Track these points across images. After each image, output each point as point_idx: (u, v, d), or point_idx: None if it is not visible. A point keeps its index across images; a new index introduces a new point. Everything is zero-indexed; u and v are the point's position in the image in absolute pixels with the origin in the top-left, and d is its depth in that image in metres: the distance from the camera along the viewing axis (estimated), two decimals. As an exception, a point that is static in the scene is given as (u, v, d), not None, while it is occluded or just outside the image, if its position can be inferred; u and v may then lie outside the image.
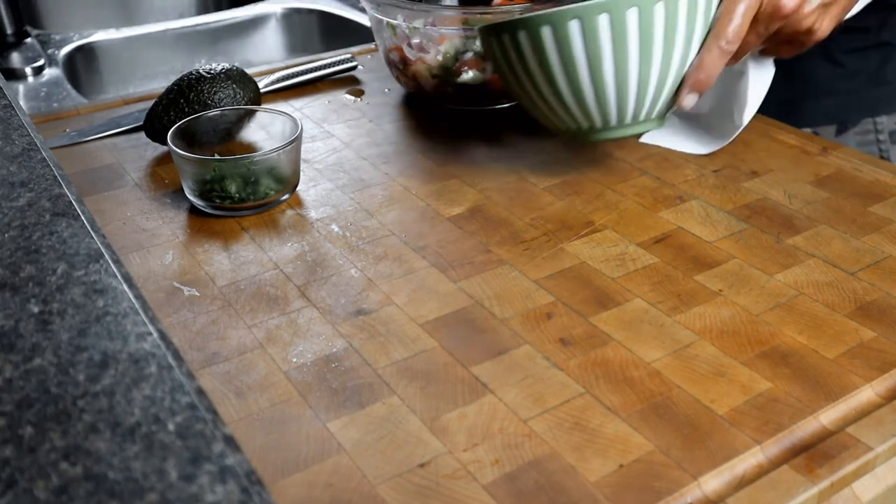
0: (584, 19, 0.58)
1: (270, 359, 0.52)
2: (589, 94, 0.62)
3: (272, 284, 0.59)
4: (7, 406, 0.33)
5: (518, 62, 0.63)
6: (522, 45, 0.62)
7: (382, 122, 0.83)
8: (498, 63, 0.66)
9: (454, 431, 0.46)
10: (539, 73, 0.63)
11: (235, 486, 0.30)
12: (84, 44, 1.21)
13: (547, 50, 0.61)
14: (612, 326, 0.54)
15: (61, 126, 0.83)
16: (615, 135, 0.66)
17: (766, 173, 0.72)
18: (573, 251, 0.62)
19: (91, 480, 0.30)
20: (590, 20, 0.58)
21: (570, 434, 0.46)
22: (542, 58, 0.61)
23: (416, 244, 0.63)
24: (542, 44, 0.60)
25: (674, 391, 0.49)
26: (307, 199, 0.70)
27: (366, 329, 0.54)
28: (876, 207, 0.66)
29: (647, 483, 0.43)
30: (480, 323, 0.55)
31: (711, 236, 0.63)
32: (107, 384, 0.34)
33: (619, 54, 0.60)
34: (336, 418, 0.47)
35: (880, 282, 0.58)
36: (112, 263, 0.42)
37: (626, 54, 0.60)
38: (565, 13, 0.59)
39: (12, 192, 0.49)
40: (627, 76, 0.61)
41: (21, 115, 0.58)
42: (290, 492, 0.42)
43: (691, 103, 0.64)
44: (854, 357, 0.51)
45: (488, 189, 0.70)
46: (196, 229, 0.66)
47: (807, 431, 0.46)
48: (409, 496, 0.42)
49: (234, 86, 0.77)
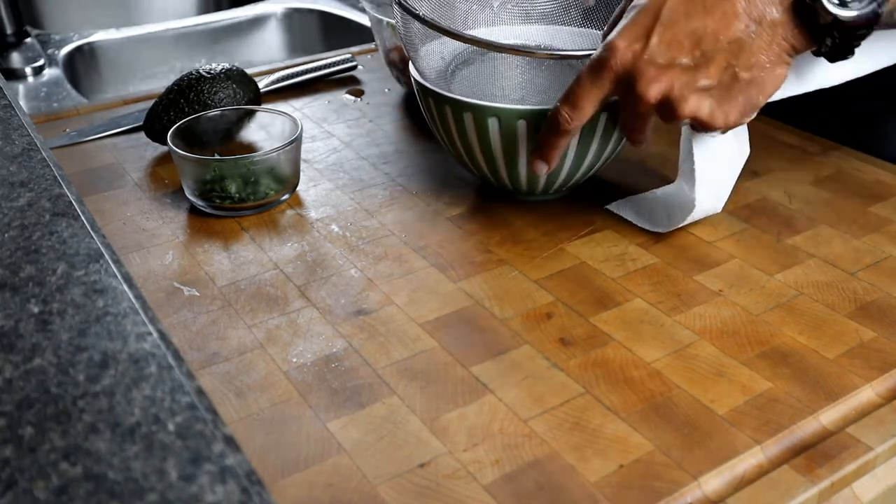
0: (502, 118, 0.61)
1: (270, 359, 0.52)
2: (503, 170, 0.65)
3: (272, 284, 0.59)
4: (7, 406, 0.33)
5: (442, 126, 0.66)
6: (447, 117, 0.64)
7: (382, 122, 0.83)
8: (427, 115, 0.68)
9: (454, 431, 0.46)
10: (460, 142, 0.65)
11: (235, 486, 0.30)
12: (84, 44, 1.21)
13: (467, 130, 0.63)
14: (612, 326, 0.54)
15: (61, 126, 0.83)
16: (525, 199, 0.69)
17: (766, 173, 0.72)
18: (573, 251, 0.62)
19: (91, 480, 0.30)
20: (508, 120, 0.61)
21: (570, 434, 0.46)
22: (463, 133, 0.64)
23: (416, 244, 0.63)
24: (464, 124, 0.63)
25: (674, 391, 0.49)
26: (307, 199, 0.70)
27: (366, 329, 0.54)
28: (876, 207, 0.66)
29: (647, 483, 0.43)
30: (480, 323, 0.55)
31: (711, 236, 0.63)
32: (107, 384, 0.34)
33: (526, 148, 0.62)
34: (336, 418, 0.47)
35: (880, 282, 0.58)
36: (112, 263, 0.42)
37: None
38: (486, 109, 0.61)
39: (12, 192, 0.49)
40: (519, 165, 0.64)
41: (21, 115, 0.58)
42: (290, 492, 0.42)
43: (541, 171, 0.61)
44: (854, 357, 0.51)
45: (488, 189, 0.70)
46: (196, 229, 0.66)
47: (807, 431, 0.46)
48: (409, 496, 0.42)
49: (234, 86, 0.77)
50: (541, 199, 0.68)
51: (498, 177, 0.66)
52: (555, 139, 0.58)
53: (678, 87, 0.53)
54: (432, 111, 0.65)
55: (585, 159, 0.63)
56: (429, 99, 0.65)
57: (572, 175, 0.65)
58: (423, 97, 0.66)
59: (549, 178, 0.65)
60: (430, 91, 0.64)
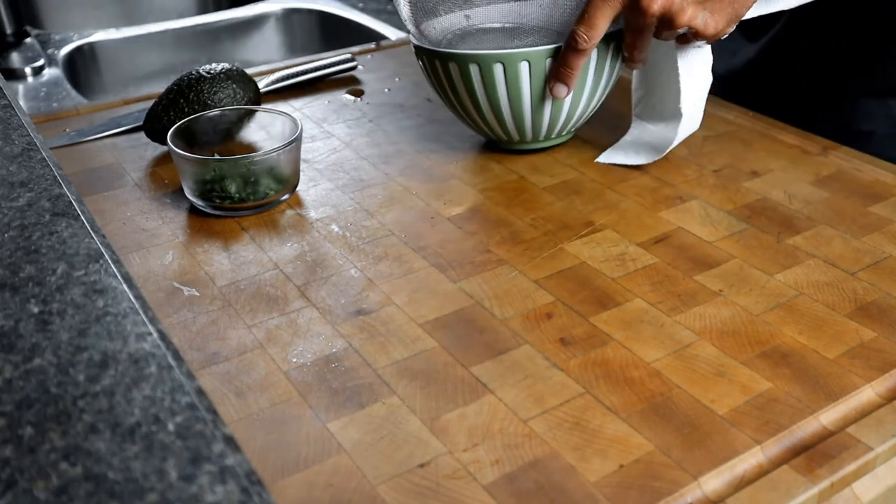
0: (507, 64, 0.68)
1: (270, 359, 0.52)
2: (508, 118, 0.71)
3: (272, 284, 0.59)
4: (7, 406, 0.33)
5: (448, 86, 0.72)
6: (452, 74, 0.70)
7: (382, 122, 0.83)
8: (432, 80, 0.74)
9: (454, 431, 0.46)
10: (467, 97, 0.71)
11: (235, 486, 0.30)
12: (84, 44, 1.21)
13: (474, 83, 0.69)
14: (612, 326, 0.54)
15: (61, 126, 0.83)
16: (530, 147, 0.76)
17: (766, 173, 0.72)
18: (573, 251, 0.62)
19: (91, 480, 0.30)
20: (512, 65, 0.68)
21: (570, 434, 0.46)
22: (469, 87, 0.70)
23: (416, 244, 0.63)
24: (470, 77, 0.69)
25: (674, 391, 0.49)
26: (307, 199, 0.70)
27: (366, 329, 0.54)
28: (876, 207, 0.66)
29: (647, 483, 0.43)
30: (480, 323, 0.55)
31: (711, 236, 0.63)
32: (107, 384, 0.34)
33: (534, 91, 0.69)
34: (336, 418, 0.47)
35: (880, 282, 0.58)
36: (112, 263, 0.42)
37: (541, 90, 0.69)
38: (489, 56, 0.67)
39: (12, 192, 0.49)
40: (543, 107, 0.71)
41: (21, 115, 0.58)
42: (290, 492, 0.42)
43: (561, 94, 0.69)
44: (854, 357, 0.51)
45: (488, 189, 0.70)
46: (196, 229, 0.66)
47: (807, 431, 0.46)
48: (409, 496, 0.42)
49: (234, 86, 0.77)
50: (544, 145, 0.75)
51: (504, 127, 0.72)
52: (573, 59, 0.66)
53: (678, 1, 0.62)
54: (438, 72, 0.71)
55: (581, 98, 0.71)
56: (434, 60, 0.70)
57: (571, 115, 0.72)
58: (428, 60, 0.71)
59: (551, 121, 0.71)
60: (435, 52, 0.70)
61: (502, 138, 0.75)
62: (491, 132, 0.74)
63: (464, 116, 0.74)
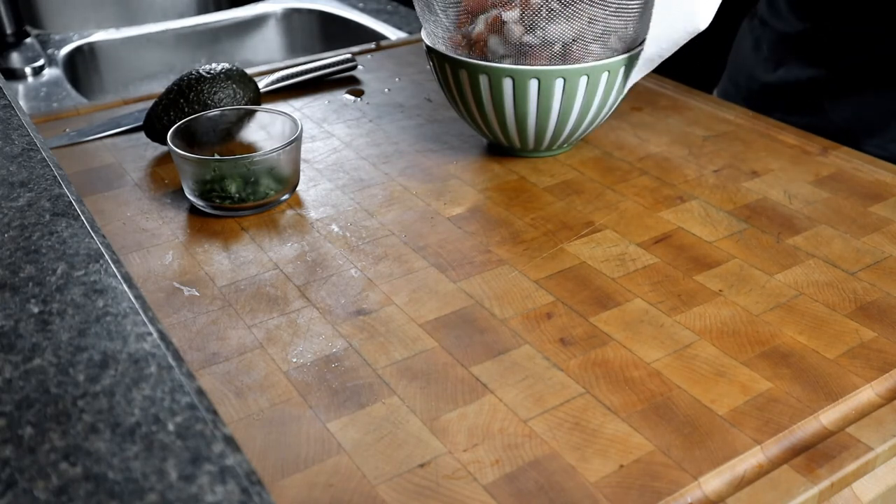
0: (517, 79, 0.68)
1: (270, 359, 0.52)
2: (512, 128, 0.72)
3: (272, 284, 0.59)
4: (7, 406, 0.33)
5: (456, 89, 0.72)
6: (461, 80, 0.71)
7: (382, 122, 0.83)
8: (440, 80, 0.74)
9: (454, 431, 0.46)
10: (473, 103, 0.72)
11: (235, 486, 0.30)
12: (84, 44, 1.21)
13: (482, 91, 0.70)
14: (612, 326, 0.54)
15: (61, 126, 0.83)
16: (531, 154, 0.76)
17: (766, 173, 0.72)
18: (573, 251, 0.62)
19: (91, 480, 0.30)
20: (522, 81, 0.68)
21: (570, 434, 0.46)
22: (477, 95, 0.71)
23: (416, 244, 0.63)
24: (479, 86, 0.70)
25: (674, 391, 0.49)
26: (307, 199, 0.70)
27: (366, 329, 0.54)
28: (876, 207, 0.66)
29: (647, 483, 0.43)
30: (480, 323, 0.55)
31: (711, 236, 0.63)
32: (107, 384, 0.34)
33: (542, 106, 0.69)
34: (336, 418, 0.47)
35: (880, 282, 0.58)
36: (112, 263, 0.42)
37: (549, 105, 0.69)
38: (500, 70, 0.68)
39: (12, 192, 0.49)
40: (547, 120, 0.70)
41: (21, 115, 0.58)
42: (290, 492, 0.42)
43: None
44: (854, 357, 0.51)
45: (488, 189, 0.70)
46: (196, 229, 0.66)
47: (807, 431, 0.46)
48: (409, 496, 0.42)
49: (234, 86, 0.77)
50: (545, 154, 0.75)
51: (507, 135, 0.73)
52: None
53: None
54: (447, 75, 0.72)
55: (588, 114, 0.70)
56: (444, 64, 0.71)
57: (576, 129, 0.72)
58: (438, 63, 0.72)
59: (555, 134, 0.72)
60: (446, 57, 0.70)
61: (504, 144, 0.75)
62: (493, 137, 0.75)
63: (467, 118, 0.75)
